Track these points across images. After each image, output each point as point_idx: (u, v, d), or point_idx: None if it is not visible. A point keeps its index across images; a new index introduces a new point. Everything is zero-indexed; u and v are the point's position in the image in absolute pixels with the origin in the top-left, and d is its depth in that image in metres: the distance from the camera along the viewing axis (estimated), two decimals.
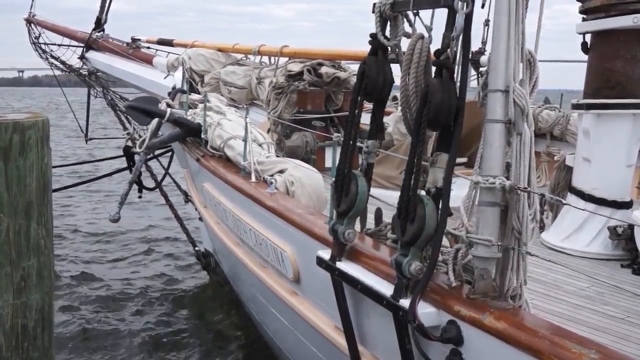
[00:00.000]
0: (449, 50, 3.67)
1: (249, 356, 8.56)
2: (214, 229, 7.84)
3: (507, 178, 3.50)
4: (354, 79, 9.52)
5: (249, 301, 7.92)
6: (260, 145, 7.06)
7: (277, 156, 7.03)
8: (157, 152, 10.70)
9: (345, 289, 4.38)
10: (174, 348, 8.84)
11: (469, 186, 3.69)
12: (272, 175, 6.32)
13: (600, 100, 6.28)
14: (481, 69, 3.96)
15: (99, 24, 15.13)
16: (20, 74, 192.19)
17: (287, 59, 10.27)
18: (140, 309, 10.27)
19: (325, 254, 4.47)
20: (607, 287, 5.10)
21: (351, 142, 4.36)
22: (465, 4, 3.60)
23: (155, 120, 8.72)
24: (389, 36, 4.29)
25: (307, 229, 5.04)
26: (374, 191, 4.54)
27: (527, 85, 3.58)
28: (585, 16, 6.51)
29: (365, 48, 4.48)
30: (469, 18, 3.65)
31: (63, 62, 15.61)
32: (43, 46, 15.96)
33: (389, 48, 4.31)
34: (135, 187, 10.29)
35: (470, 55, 3.83)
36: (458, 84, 3.72)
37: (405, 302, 3.62)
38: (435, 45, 3.82)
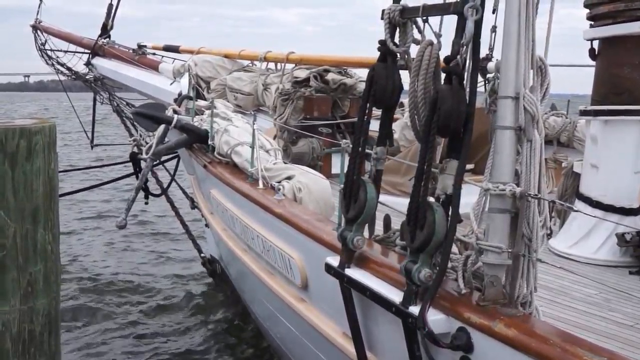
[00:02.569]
0: (458, 56, 3.66)
1: None
2: (220, 235, 7.83)
3: (517, 185, 3.49)
4: (360, 86, 9.53)
5: (255, 308, 7.90)
6: (267, 151, 7.05)
7: (284, 162, 7.02)
8: (163, 158, 10.70)
9: (353, 295, 4.36)
10: (179, 354, 8.84)
11: (478, 193, 3.68)
12: (279, 182, 6.30)
13: (608, 106, 6.27)
14: (488, 75, 3.95)
15: (105, 30, 15.16)
16: (26, 78, 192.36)
17: (293, 65, 10.28)
18: (146, 314, 10.30)
19: (334, 260, 4.46)
20: (615, 293, 5.07)
21: (360, 148, 4.36)
22: (475, 10, 3.60)
23: (162, 127, 8.73)
24: (398, 42, 4.29)
25: (315, 235, 5.02)
26: (381, 198, 4.53)
27: (538, 91, 3.57)
28: (592, 23, 6.51)
29: (371, 53, 4.48)
30: (478, 25, 3.65)
31: (69, 69, 15.66)
32: (49, 52, 16.00)
33: (398, 54, 4.31)
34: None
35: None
36: (467, 90, 3.72)
37: (414, 309, 3.60)
38: (444, 51, 3.82)
